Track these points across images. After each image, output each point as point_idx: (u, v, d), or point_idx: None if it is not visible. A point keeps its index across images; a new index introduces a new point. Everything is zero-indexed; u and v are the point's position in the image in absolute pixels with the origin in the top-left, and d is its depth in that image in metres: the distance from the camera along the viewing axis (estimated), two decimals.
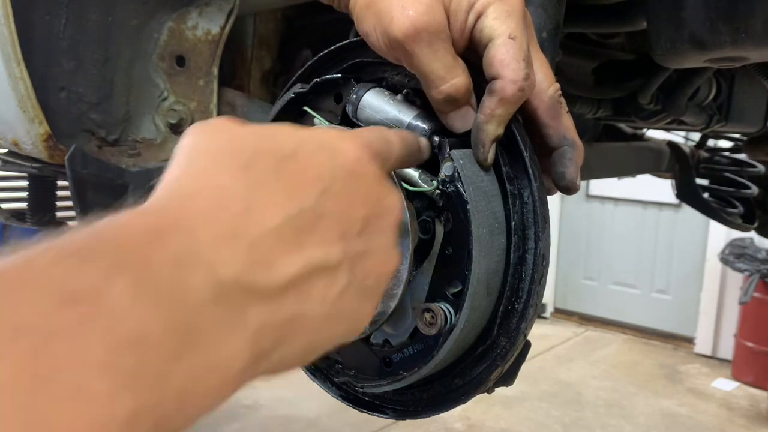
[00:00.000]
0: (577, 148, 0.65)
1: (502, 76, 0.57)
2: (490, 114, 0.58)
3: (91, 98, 1.15)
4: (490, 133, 0.59)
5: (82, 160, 1.09)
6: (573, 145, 0.64)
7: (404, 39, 0.57)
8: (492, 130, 0.58)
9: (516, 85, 0.57)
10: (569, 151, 0.64)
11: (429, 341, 0.63)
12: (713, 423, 4.09)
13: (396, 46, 0.59)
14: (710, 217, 2.32)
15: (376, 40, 0.60)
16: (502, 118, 0.58)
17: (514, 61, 0.57)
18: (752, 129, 1.79)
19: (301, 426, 3.66)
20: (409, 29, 0.57)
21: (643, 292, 5.83)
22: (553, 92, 0.63)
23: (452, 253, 0.61)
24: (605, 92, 1.45)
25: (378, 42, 0.60)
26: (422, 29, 0.57)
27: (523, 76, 0.57)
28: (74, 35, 1.10)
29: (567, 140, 0.64)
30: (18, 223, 1.60)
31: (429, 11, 0.57)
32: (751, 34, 0.84)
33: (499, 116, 0.58)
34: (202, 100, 1.18)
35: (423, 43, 0.57)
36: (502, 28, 0.58)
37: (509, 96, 0.57)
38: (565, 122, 0.64)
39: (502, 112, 0.58)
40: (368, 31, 0.61)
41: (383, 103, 0.62)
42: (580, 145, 0.65)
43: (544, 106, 0.63)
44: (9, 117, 1.07)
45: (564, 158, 0.64)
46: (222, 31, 1.16)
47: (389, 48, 0.60)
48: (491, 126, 0.58)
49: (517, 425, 3.86)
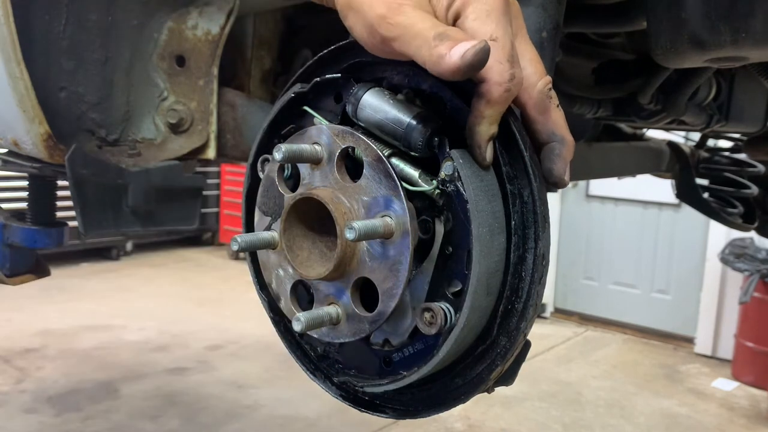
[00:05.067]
0: (566, 143, 0.64)
1: (486, 79, 0.56)
2: (480, 116, 0.58)
3: (91, 98, 1.15)
4: (484, 134, 0.58)
5: (82, 160, 1.09)
6: (562, 141, 0.64)
7: (386, 14, 0.57)
8: (484, 130, 0.58)
9: (501, 87, 0.56)
10: (557, 147, 0.64)
11: (429, 341, 0.63)
12: (713, 423, 4.09)
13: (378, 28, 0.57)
14: (710, 217, 2.32)
15: (360, 33, 0.60)
16: (493, 118, 0.58)
17: (497, 63, 0.56)
18: (752, 129, 1.78)
19: (301, 426, 3.66)
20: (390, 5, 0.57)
21: (643, 292, 5.83)
22: (542, 86, 0.62)
23: (452, 253, 0.61)
24: (605, 92, 1.45)
25: (362, 34, 0.60)
26: (404, 3, 0.57)
27: (507, 77, 0.56)
28: (74, 35, 1.10)
29: (556, 136, 0.64)
30: (18, 223, 1.60)
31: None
32: (751, 34, 0.83)
33: (489, 117, 0.58)
34: (202, 100, 1.18)
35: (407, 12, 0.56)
36: (482, 30, 0.57)
37: (496, 98, 0.57)
38: (554, 117, 0.64)
39: (492, 113, 0.58)
40: (351, 26, 0.61)
41: (383, 103, 0.62)
42: (570, 140, 0.65)
43: (532, 102, 0.62)
44: (9, 117, 1.07)
45: (552, 154, 0.64)
46: (222, 31, 1.16)
47: (371, 36, 0.59)
48: (483, 127, 0.58)
49: (517, 425, 3.86)
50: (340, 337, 0.66)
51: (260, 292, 0.77)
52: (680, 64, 1.00)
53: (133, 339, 4.87)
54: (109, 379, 4.13)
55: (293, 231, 0.67)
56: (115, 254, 7.33)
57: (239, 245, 0.66)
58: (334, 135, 0.64)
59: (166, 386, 4.08)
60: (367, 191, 0.61)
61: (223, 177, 8.01)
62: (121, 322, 5.17)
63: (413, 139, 0.60)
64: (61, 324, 5.06)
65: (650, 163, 2.24)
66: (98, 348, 4.65)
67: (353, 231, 0.56)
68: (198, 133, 1.20)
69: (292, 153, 0.63)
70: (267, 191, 0.71)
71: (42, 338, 4.74)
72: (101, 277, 6.61)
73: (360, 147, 0.62)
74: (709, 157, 2.44)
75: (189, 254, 7.90)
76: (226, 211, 8.03)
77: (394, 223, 0.59)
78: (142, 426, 3.56)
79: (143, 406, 3.77)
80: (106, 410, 3.70)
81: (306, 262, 0.67)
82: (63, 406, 3.71)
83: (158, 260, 7.48)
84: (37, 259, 1.74)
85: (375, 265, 0.61)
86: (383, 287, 0.61)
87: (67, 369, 4.25)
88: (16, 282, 1.67)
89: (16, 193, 5.15)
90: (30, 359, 4.37)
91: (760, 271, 4.48)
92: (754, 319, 4.71)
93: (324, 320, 0.64)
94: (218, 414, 3.75)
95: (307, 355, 0.75)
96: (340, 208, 0.62)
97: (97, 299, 5.79)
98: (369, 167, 0.61)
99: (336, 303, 0.65)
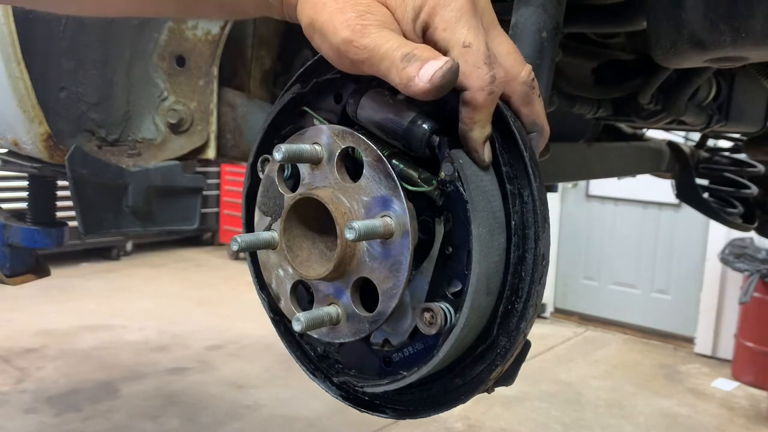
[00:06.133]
0: (544, 133, 0.65)
1: (468, 87, 0.56)
2: (470, 122, 0.58)
3: (91, 98, 1.15)
4: (478, 138, 0.59)
5: (82, 160, 1.09)
6: (542, 131, 0.65)
7: (351, 37, 0.56)
8: (477, 135, 0.58)
9: (484, 92, 0.56)
10: (536, 138, 0.65)
11: (429, 341, 0.63)
12: (713, 423, 4.09)
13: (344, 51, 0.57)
14: (710, 217, 2.32)
15: (328, 55, 0.59)
16: (484, 121, 0.58)
17: (475, 68, 0.56)
18: (752, 129, 1.78)
19: (301, 426, 3.66)
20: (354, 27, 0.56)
21: (643, 292, 5.83)
22: (525, 77, 0.62)
23: (452, 253, 0.61)
24: (605, 92, 1.44)
25: (330, 57, 0.59)
26: (368, 23, 0.56)
27: (488, 80, 0.56)
28: (74, 35, 1.10)
29: (537, 126, 0.65)
30: (18, 223, 1.60)
31: (370, 9, 0.57)
32: (751, 34, 0.83)
33: (479, 121, 0.58)
34: (202, 100, 1.18)
35: (372, 34, 0.56)
36: (454, 39, 0.56)
37: (481, 102, 0.57)
38: (537, 108, 0.64)
39: (481, 117, 0.58)
40: (318, 47, 0.60)
41: (383, 103, 0.62)
42: (547, 130, 0.66)
43: (517, 95, 0.62)
44: (9, 117, 1.07)
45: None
46: (222, 31, 1.16)
47: (340, 59, 0.58)
48: (476, 132, 0.58)
49: (517, 425, 3.86)
50: (340, 337, 0.66)
51: (260, 292, 0.77)
52: (680, 64, 1.00)
53: (133, 339, 4.87)
54: (109, 379, 4.13)
55: (293, 231, 0.67)
56: (115, 254, 7.33)
57: (239, 245, 0.66)
58: (334, 135, 0.64)
59: (166, 386, 4.08)
60: (367, 191, 0.61)
61: (223, 177, 8.01)
62: (121, 322, 5.17)
63: (413, 139, 0.60)
64: (61, 324, 5.06)
65: (650, 163, 2.24)
66: (98, 348, 4.65)
67: (353, 231, 0.56)
68: (198, 133, 1.20)
69: (292, 153, 0.63)
70: (267, 191, 0.70)
71: (42, 338, 4.75)
72: (101, 277, 6.61)
73: (360, 147, 0.62)
74: (709, 157, 2.44)
75: (189, 254, 7.90)
76: (226, 211, 8.03)
77: (394, 223, 0.59)
78: (142, 426, 3.56)
79: (143, 406, 3.77)
80: (106, 410, 3.70)
81: (306, 262, 0.67)
82: (63, 406, 3.71)
83: (158, 260, 7.48)
84: (37, 259, 1.74)
85: (375, 265, 0.61)
86: (383, 287, 0.61)
87: (67, 369, 4.25)
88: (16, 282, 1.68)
89: (16, 193, 5.15)
90: (30, 359, 4.37)
91: (760, 271, 4.48)
92: (754, 319, 4.71)
93: (324, 320, 0.64)
94: (218, 414, 3.75)
95: (307, 355, 0.75)
96: (340, 208, 0.62)
97: (97, 299, 5.79)
98: (369, 167, 0.61)
99: (336, 303, 0.65)
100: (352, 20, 0.56)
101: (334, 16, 0.56)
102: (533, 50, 0.84)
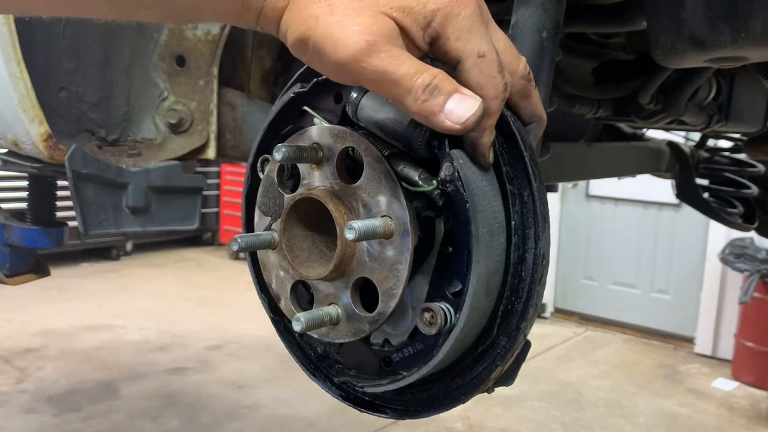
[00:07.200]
0: (543, 123, 0.66)
1: (483, 96, 0.56)
2: (482, 129, 0.58)
3: (91, 98, 1.15)
4: (487, 143, 0.59)
5: (82, 160, 1.09)
6: (540, 120, 0.65)
7: (357, 56, 0.52)
8: (487, 140, 0.59)
9: (498, 100, 0.57)
10: (535, 128, 0.65)
11: (429, 341, 0.63)
12: (713, 423, 4.09)
13: (349, 70, 0.53)
14: (710, 217, 2.32)
15: (325, 71, 0.57)
16: (492, 127, 0.59)
17: (491, 79, 0.56)
18: (752, 129, 1.78)
19: (301, 426, 3.66)
20: (360, 44, 0.51)
21: (643, 292, 5.83)
22: (522, 71, 0.62)
23: (452, 253, 0.61)
24: (605, 92, 1.44)
25: (328, 73, 0.57)
26: (375, 40, 0.52)
27: (502, 89, 0.56)
28: (74, 35, 1.10)
29: (536, 116, 0.65)
30: (18, 223, 1.60)
31: (375, 21, 0.52)
32: (751, 34, 0.83)
33: (489, 127, 0.58)
34: (202, 100, 1.18)
35: (381, 53, 0.52)
36: (467, 49, 0.55)
37: (495, 110, 0.57)
38: (535, 99, 0.64)
39: (492, 123, 0.58)
40: (309, 63, 0.57)
41: (383, 103, 0.62)
42: (545, 119, 0.66)
43: (516, 90, 0.62)
44: (9, 117, 1.07)
45: (530, 134, 0.65)
46: (222, 31, 1.16)
47: (342, 76, 0.55)
48: (486, 138, 0.58)
49: (517, 425, 3.86)
50: (340, 338, 0.66)
51: (260, 292, 0.77)
52: (680, 64, 1.00)
53: (133, 339, 4.87)
54: (109, 379, 4.13)
55: (293, 231, 0.67)
56: (115, 254, 7.33)
57: (239, 245, 0.66)
58: (334, 135, 0.64)
59: (166, 386, 4.08)
60: (367, 191, 0.61)
61: (223, 177, 8.01)
62: (121, 322, 5.17)
63: (413, 139, 0.60)
64: (61, 324, 5.06)
65: (650, 163, 2.24)
66: (98, 348, 4.65)
67: (353, 231, 0.56)
68: (198, 133, 1.20)
69: (292, 153, 0.63)
70: (267, 191, 0.70)
71: (42, 338, 4.75)
72: (101, 277, 6.61)
73: (360, 147, 0.62)
74: (709, 157, 2.44)
75: (189, 254, 7.90)
76: (226, 211, 8.03)
77: (394, 223, 0.59)
78: (142, 426, 3.56)
79: (143, 406, 3.77)
80: (106, 410, 3.70)
81: (306, 263, 0.67)
82: (63, 406, 3.71)
83: (158, 260, 7.48)
84: (37, 259, 1.74)
85: (375, 265, 0.61)
86: (383, 287, 0.61)
87: (67, 369, 4.25)
88: (16, 282, 1.68)
89: (16, 193, 5.15)
90: (30, 359, 4.37)
91: (760, 271, 4.48)
92: (754, 319, 4.71)
93: (324, 320, 0.64)
94: (218, 414, 3.75)
95: (307, 355, 0.75)
96: (340, 208, 0.62)
97: (97, 299, 5.79)
98: (369, 167, 0.61)
99: (336, 303, 0.65)
100: (356, 35, 0.51)
101: (334, 30, 0.52)
102: (533, 50, 0.84)
